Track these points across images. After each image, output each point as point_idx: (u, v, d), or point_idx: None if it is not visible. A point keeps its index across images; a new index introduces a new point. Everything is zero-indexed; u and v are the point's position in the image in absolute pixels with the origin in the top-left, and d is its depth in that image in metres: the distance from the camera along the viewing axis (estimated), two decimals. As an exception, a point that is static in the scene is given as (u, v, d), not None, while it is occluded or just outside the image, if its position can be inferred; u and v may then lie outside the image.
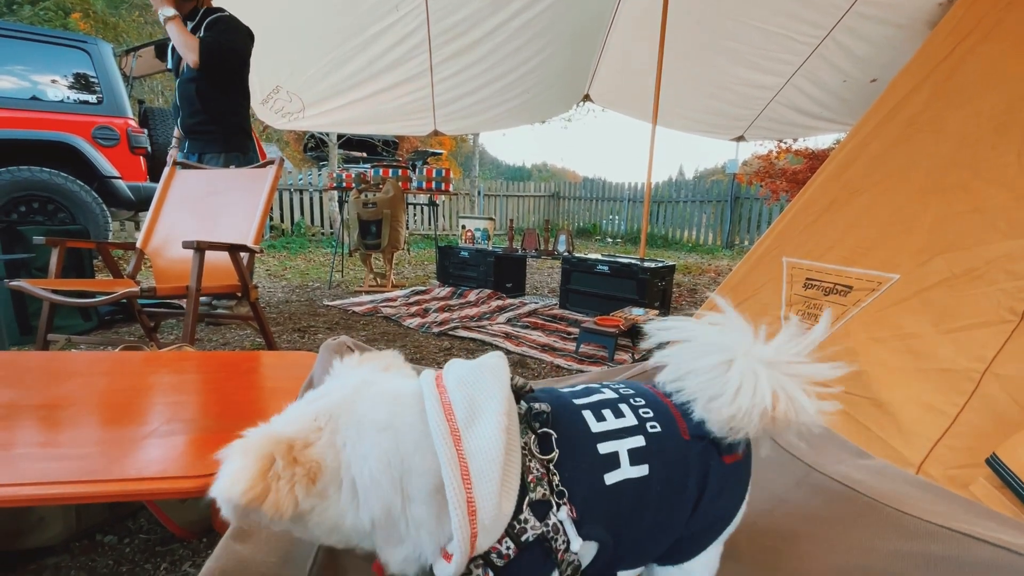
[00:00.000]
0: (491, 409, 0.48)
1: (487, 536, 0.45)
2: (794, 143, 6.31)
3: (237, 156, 2.81)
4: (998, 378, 1.21)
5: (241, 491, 0.40)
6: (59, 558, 1.07)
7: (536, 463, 0.50)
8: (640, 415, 0.57)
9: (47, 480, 0.63)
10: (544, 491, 0.49)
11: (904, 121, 1.64)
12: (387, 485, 0.45)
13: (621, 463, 0.53)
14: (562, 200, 11.00)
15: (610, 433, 0.55)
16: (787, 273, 1.89)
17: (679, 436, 0.56)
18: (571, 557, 0.49)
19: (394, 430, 0.47)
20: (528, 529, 0.48)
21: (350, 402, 0.48)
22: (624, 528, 0.53)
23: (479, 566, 0.47)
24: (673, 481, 0.55)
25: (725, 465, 0.58)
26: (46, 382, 1.03)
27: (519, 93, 4.71)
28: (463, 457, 0.45)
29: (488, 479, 0.45)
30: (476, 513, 0.44)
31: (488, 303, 3.80)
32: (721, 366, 0.54)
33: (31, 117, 3.93)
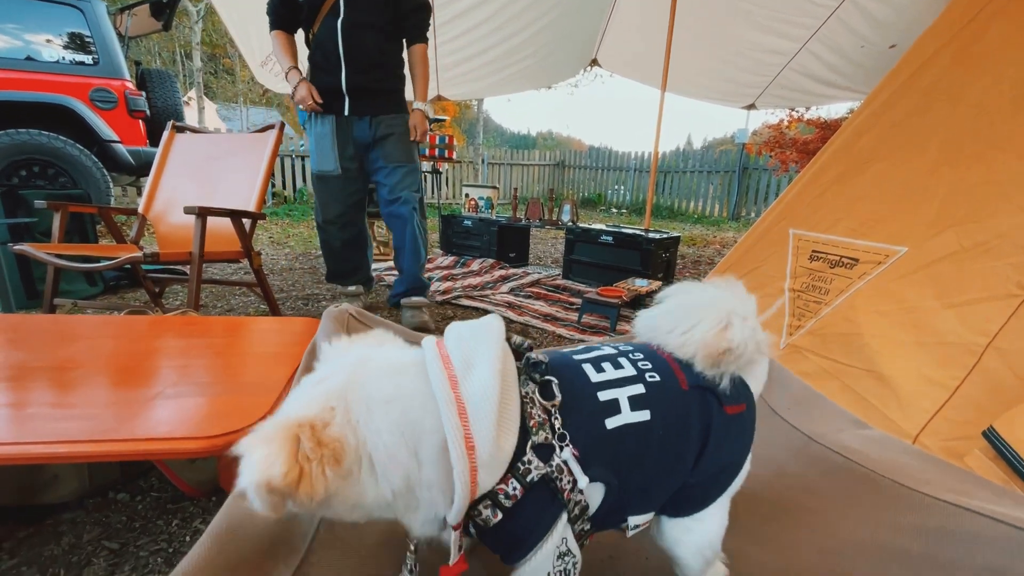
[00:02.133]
0: (486, 357, 0.51)
1: (488, 473, 0.47)
2: (806, 112, 6.15)
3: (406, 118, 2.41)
4: (1000, 352, 1.21)
5: (281, 474, 0.41)
6: (74, 514, 1.10)
7: (538, 409, 0.52)
8: (639, 367, 0.59)
9: (59, 439, 0.65)
10: (546, 435, 0.51)
11: (922, 89, 1.59)
12: (404, 455, 0.47)
13: (622, 409, 0.55)
14: (567, 169, 10.83)
15: (610, 383, 0.57)
16: (793, 245, 1.87)
17: (678, 386, 0.59)
18: (578, 496, 0.52)
19: (400, 399, 0.49)
20: (532, 469, 0.50)
21: (354, 380, 0.49)
22: (629, 472, 0.55)
23: (488, 506, 0.49)
24: (675, 427, 0.57)
25: (726, 414, 0.59)
26: (54, 344, 1.04)
27: (525, 56, 4.58)
28: (460, 398, 0.47)
29: (485, 417, 0.47)
30: (475, 449, 0.46)
31: (491, 273, 3.80)
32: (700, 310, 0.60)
33: (26, 78, 3.85)
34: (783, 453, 0.77)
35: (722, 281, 0.63)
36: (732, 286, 0.63)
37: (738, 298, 0.61)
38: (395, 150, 2.31)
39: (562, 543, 0.52)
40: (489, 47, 4.29)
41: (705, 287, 0.63)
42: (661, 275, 3.34)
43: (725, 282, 0.63)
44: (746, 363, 0.60)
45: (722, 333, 0.57)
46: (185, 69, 13.77)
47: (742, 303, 0.61)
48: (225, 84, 15.33)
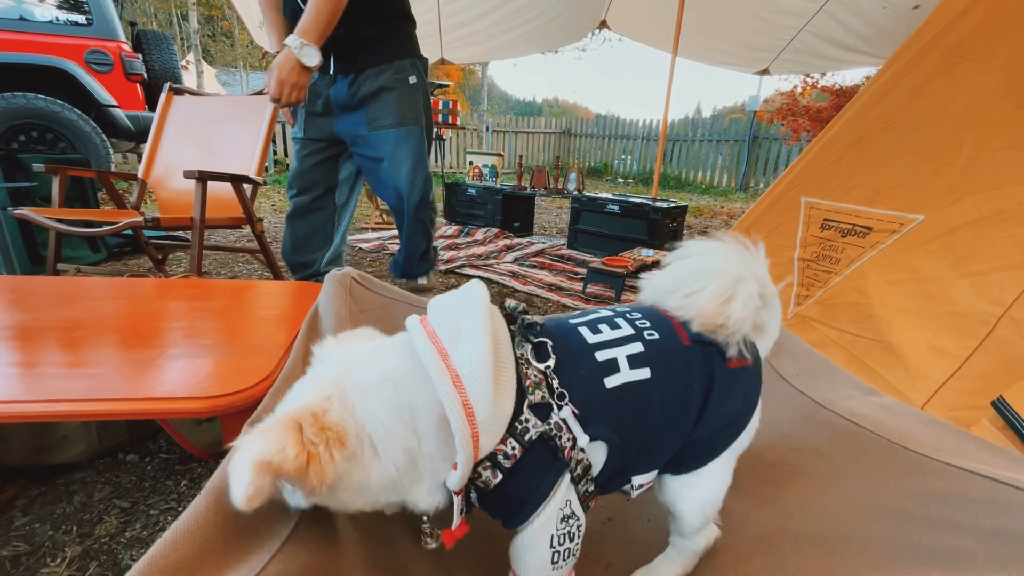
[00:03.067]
0: (473, 323, 0.50)
1: (488, 435, 0.47)
2: (821, 78, 5.95)
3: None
4: (1015, 322, 1.19)
5: (292, 457, 0.41)
6: (84, 473, 1.12)
7: (533, 370, 0.51)
8: (636, 326, 0.59)
9: (65, 397, 0.64)
10: (543, 394, 0.50)
11: (949, 48, 1.51)
12: (402, 430, 0.48)
13: (620, 368, 0.54)
14: (573, 137, 10.62)
15: (607, 343, 0.56)
16: (804, 213, 1.83)
17: (679, 342, 0.58)
18: (579, 455, 0.51)
19: (390, 380, 0.49)
20: (531, 428, 0.49)
21: (345, 370, 0.50)
22: (632, 431, 0.55)
23: (487, 468, 0.49)
24: (676, 383, 0.56)
25: (730, 370, 0.58)
26: (58, 306, 1.03)
27: (531, 18, 4.42)
28: (452, 367, 0.47)
29: (480, 380, 0.46)
30: (474, 414, 0.46)
31: (495, 242, 3.77)
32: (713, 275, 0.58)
33: (20, 39, 3.75)
34: (790, 418, 0.76)
35: (740, 243, 0.61)
36: (749, 251, 0.60)
37: (751, 266, 0.59)
38: (384, 110, 1.68)
39: (566, 505, 0.52)
40: (494, 7, 4.13)
41: (719, 249, 0.60)
42: (668, 245, 3.30)
43: (743, 245, 0.60)
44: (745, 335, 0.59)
45: (721, 306, 0.56)
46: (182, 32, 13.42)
47: (754, 273, 0.59)
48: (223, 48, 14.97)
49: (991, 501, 0.53)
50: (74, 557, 0.90)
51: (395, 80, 1.68)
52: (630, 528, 0.76)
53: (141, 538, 0.95)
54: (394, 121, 1.69)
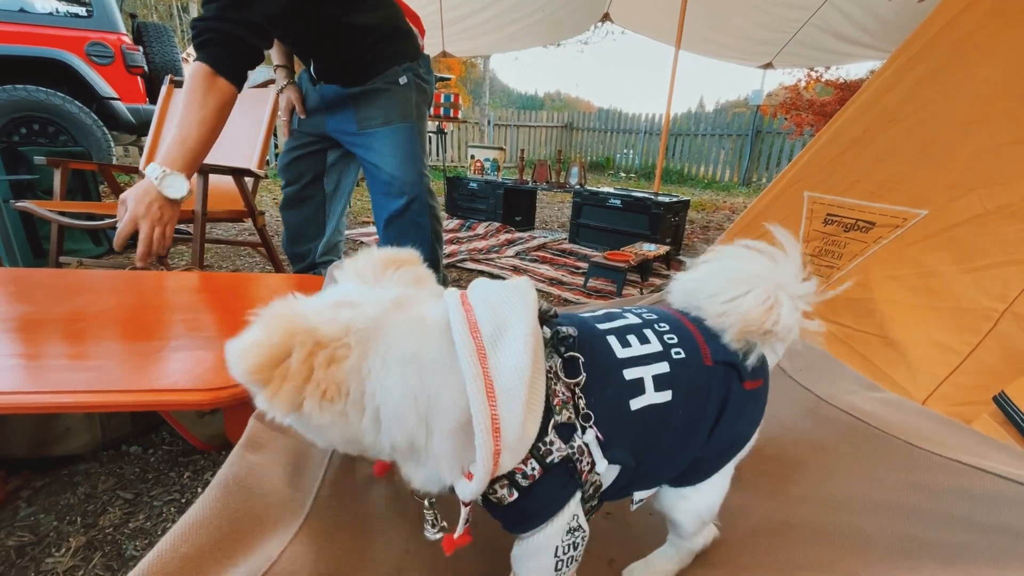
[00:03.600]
0: (518, 329, 0.46)
1: (510, 455, 0.45)
2: (825, 72, 5.91)
3: None
4: (1018, 318, 1.18)
5: (247, 368, 0.40)
6: (88, 465, 1.13)
7: (562, 386, 0.49)
8: (665, 341, 0.56)
9: (68, 389, 0.65)
10: (570, 414, 0.48)
11: (955, 41, 1.50)
12: (412, 420, 0.45)
13: (646, 389, 0.52)
14: (575, 131, 10.58)
15: (636, 359, 0.54)
16: (807, 208, 1.82)
17: (701, 362, 0.56)
18: (594, 478, 0.50)
19: (420, 363, 0.45)
20: (554, 451, 0.47)
21: (381, 328, 0.45)
22: (646, 452, 0.54)
23: (504, 486, 0.47)
24: (694, 406, 0.55)
25: (744, 391, 0.57)
26: (61, 298, 1.03)
27: (533, 11, 4.39)
28: (488, 374, 0.44)
29: (514, 398, 0.44)
30: (500, 431, 0.43)
31: (497, 236, 3.77)
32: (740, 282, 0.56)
33: (20, 31, 3.73)
34: (793, 413, 0.76)
35: (780, 251, 0.58)
36: (790, 260, 0.58)
37: (791, 276, 0.57)
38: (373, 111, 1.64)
39: (573, 519, 0.51)
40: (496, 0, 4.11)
41: (757, 257, 0.58)
42: (669, 240, 3.29)
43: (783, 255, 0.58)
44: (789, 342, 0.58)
45: (767, 312, 0.53)
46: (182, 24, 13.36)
47: (795, 282, 0.57)
48: (224, 40, 14.88)
49: (992, 496, 0.53)
50: (78, 547, 0.91)
51: (385, 83, 1.63)
52: (632, 523, 0.76)
53: (145, 529, 0.96)
54: (383, 120, 1.64)
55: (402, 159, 1.65)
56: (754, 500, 0.70)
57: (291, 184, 1.82)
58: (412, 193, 1.66)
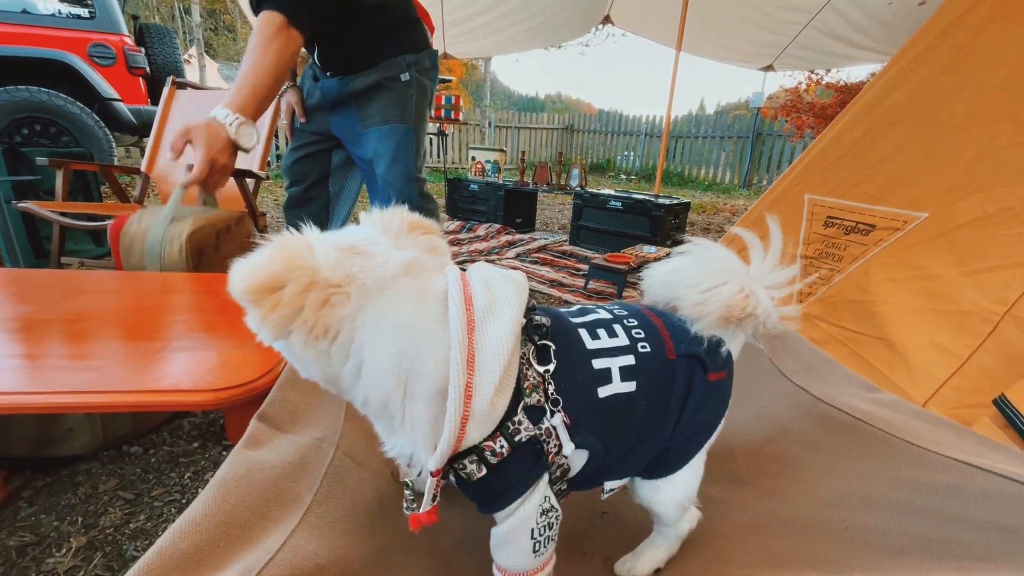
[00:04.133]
0: (506, 312, 0.49)
1: (476, 426, 0.47)
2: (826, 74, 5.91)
3: None
4: (1018, 321, 1.18)
5: (242, 287, 0.41)
6: (89, 465, 1.13)
7: (533, 372, 0.51)
8: (632, 335, 0.59)
9: (70, 389, 0.65)
10: (539, 397, 0.51)
11: (955, 45, 1.51)
12: (391, 380, 0.46)
13: (613, 379, 0.55)
14: (576, 133, 10.59)
15: (604, 351, 0.57)
16: (808, 211, 1.82)
17: (665, 356, 0.59)
18: (561, 460, 0.53)
19: (412, 331, 0.47)
20: (522, 431, 0.50)
21: (386, 286, 0.46)
22: (613, 439, 0.56)
23: (473, 461, 0.49)
24: (657, 397, 0.58)
25: (708, 382, 0.60)
26: (62, 299, 1.04)
27: (534, 13, 4.40)
28: (472, 345, 0.46)
29: (490, 371, 0.46)
30: (472, 399, 0.46)
31: (497, 238, 3.77)
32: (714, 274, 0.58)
33: (23, 32, 3.75)
34: (790, 413, 0.77)
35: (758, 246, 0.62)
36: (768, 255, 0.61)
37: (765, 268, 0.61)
38: (372, 107, 1.61)
39: (545, 500, 0.53)
40: (498, 2, 4.12)
41: (725, 251, 0.61)
42: (670, 242, 3.30)
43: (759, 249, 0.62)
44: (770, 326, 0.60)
45: (746, 299, 0.57)
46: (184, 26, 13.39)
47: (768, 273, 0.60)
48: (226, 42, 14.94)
49: (989, 494, 0.53)
50: (79, 548, 0.91)
51: (387, 78, 1.60)
52: (627, 521, 0.76)
53: (145, 529, 0.96)
54: (380, 119, 1.62)
55: (391, 161, 1.64)
56: (751, 497, 0.70)
57: (295, 184, 1.80)
58: (401, 196, 1.64)
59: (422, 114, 1.72)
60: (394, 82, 1.62)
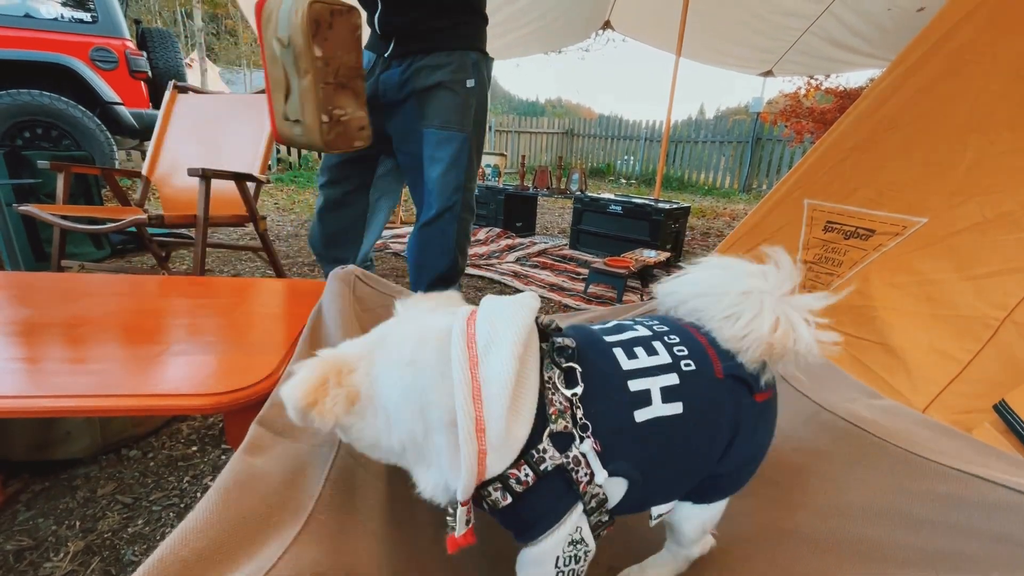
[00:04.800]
0: (507, 338, 0.49)
1: (497, 457, 0.47)
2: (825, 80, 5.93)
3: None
4: (1018, 326, 1.18)
5: (300, 396, 0.48)
6: (88, 469, 1.13)
7: (560, 396, 0.50)
8: (675, 353, 0.55)
9: (67, 393, 0.65)
10: (566, 423, 0.49)
11: (953, 51, 1.51)
12: (408, 415, 0.49)
13: (653, 400, 0.52)
14: (576, 138, 10.62)
15: (642, 371, 0.53)
16: (807, 215, 1.83)
17: (713, 375, 0.55)
18: (595, 490, 0.50)
19: (414, 366, 0.50)
20: (547, 459, 0.48)
21: (386, 339, 0.54)
22: (656, 467, 0.53)
23: (497, 489, 0.49)
24: (706, 419, 0.54)
25: (756, 403, 0.56)
26: (62, 302, 1.04)
27: (535, 18, 4.42)
28: (476, 379, 0.47)
29: (498, 401, 0.46)
30: (484, 431, 0.46)
31: (497, 242, 3.77)
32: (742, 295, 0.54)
33: (25, 36, 3.76)
34: (791, 420, 0.76)
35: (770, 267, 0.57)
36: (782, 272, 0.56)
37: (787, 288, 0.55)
38: (434, 107, 1.57)
39: (576, 531, 0.51)
40: (497, 7, 4.13)
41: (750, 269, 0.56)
42: (670, 246, 3.30)
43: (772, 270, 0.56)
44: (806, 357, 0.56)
45: (786, 335, 0.52)
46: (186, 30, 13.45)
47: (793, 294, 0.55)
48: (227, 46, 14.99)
49: (992, 505, 0.53)
50: (77, 552, 0.91)
51: (452, 80, 1.56)
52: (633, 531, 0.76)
53: (143, 534, 0.96)
54: (440, 123, 1.58)
55: (446, 168, 1.61)
56: (755, 508, 0.70)
57: (334, 185, 1.73)
58: (446, 204, 1.63)
59: (480, 124, 1.68)
60: (459, 87, 1.58)
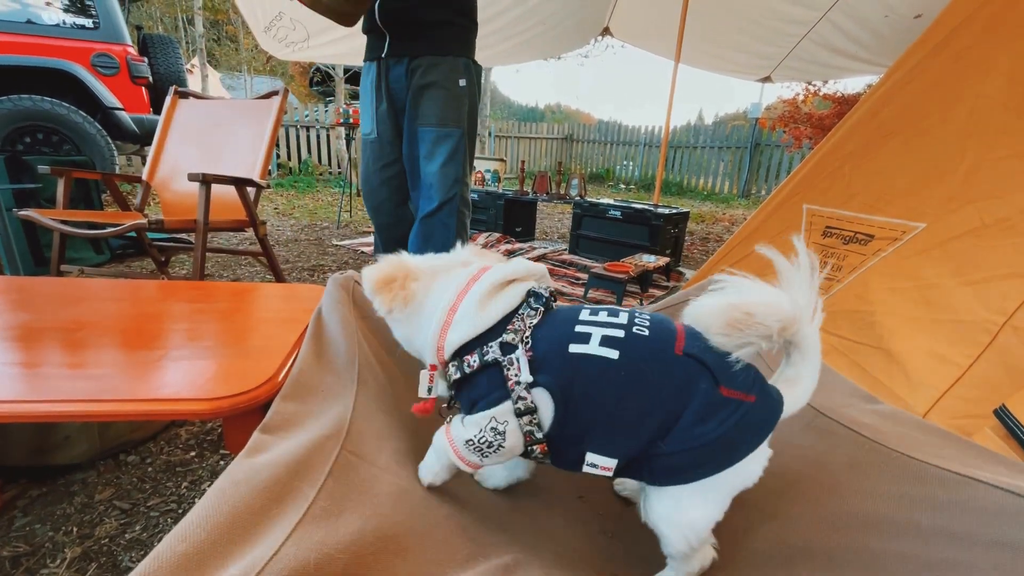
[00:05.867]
0: (499, 270, 0.69)
1: (456, 332, 0.66)
2: (823, 86, 5.96)
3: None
4: (1017, 331, 1.18)
5: (375, 280, 0.70)
6: (86, 474, 1.12)
7: (520, 323, 0.65)
8: (634, 322, 0.64)
9: (65, 398, 0.65)
10: (514, 337, 0.64)
11: (950, 58, 1.52)
12: (435, 327, 0.69)
13: (591, 341, 0.61)
14: (575, 143, 10.65)
15: (593, 322, 0.64)
16: (806, 220, 1.83)
17: (670, 349, 0.60)
18: (521, 391, 0.62)
19: (445, 294, 0.70)
20: (490, 353, 0.64)
21: (441, 271, 0.72)
22: (582, 397, 0.61)
23: (455, 366, 0.66)
24: (646, 381, 0.59)
25: (719, 395, 0.58)
26: (61, 307, 1.04)
27: (534, 24, 4.44)
28: (456, 305, 0.68)
29: (472, 298, 0.67)
30: (455, 312, 0.67)
31: (497, 246, 3.77)
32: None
33: (27, 42, 3.78)
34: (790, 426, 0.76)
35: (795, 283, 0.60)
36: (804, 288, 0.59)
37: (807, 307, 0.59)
38: (429, 106, 1.66)
39: (503, 424, 0.63)
40: (497, 14, 4.15)
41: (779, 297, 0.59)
42: (669, 251, 3.30)
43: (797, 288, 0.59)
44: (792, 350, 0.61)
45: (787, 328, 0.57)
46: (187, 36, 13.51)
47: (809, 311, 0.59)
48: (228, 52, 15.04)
49: (994, 510, 0.52)
50: (74, 558, 0.90)
51: (447, 79, 1.65)
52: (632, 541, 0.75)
53: (141, 540, 0.95)
54: (437, 120, 1.66)
55: (445, 161, 1.68)
56: (757, 520, 0.70)
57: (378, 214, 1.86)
58: (446, 196, 1.70)
59: (473, 123, 1.76)
60: (453, 86, 1.67)
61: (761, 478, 0.61)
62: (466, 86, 1.69)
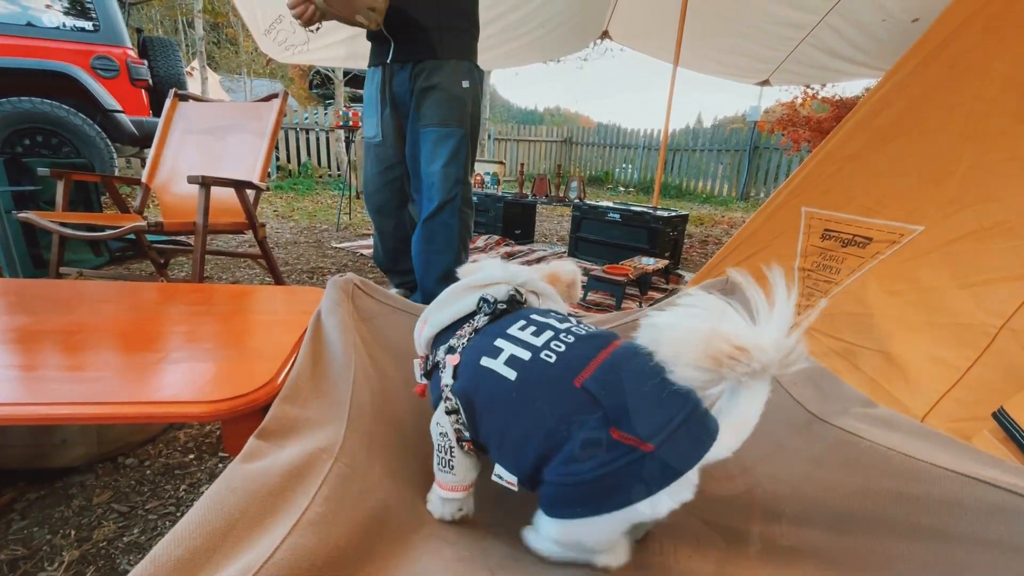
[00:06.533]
0: (461, 282, 0.75)
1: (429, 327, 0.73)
2: (821, 89, 5.98)
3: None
4: (1015, 333, 1.19)
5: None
6: (84, 477, 1.12)
7: (468, 328, 0.68)
8: (550, 346, 0.61)
9: (67, 400, 0.64)
10: (454, 343, 0.68)
11: (948, 61, 1.53)
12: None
13: (498, 359, 0.62)
14: (575, 146, 10.67)
15: (512, 338, 0.64)
16: (805, 223, 1.83)
17: (569, 379, 0.56)
18: (447, 392, 0.65)
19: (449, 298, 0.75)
20: (437, 356, 0.69)
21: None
22: (484, 407, 0.63)
23: (422, 362, 0.73)
24: (533, 406, 0.58)
25: (608, 436, 0.52)
26: (60, 309, 1.03)
27: (533, 28, 4.45)
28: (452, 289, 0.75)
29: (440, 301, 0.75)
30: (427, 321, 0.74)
31: (496, 249, 3.78)
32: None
33: (27, 45, 3.78)
34: (785, 430, 0.76)
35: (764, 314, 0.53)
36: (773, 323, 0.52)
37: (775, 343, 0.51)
38: (432, 108, 1.68)
39: (443, 424, 0.65)
40: (496, 17, 4.16)
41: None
42: (668, 254, 3.31)
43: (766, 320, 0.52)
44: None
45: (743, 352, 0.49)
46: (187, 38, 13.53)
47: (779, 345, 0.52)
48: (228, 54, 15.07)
49: (991, 509, 0.52)
50: (72, 561, 0.90)
51: (449, 81, 1.67)
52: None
53: (139, 543, 0.95)
54: (438, 121, 1.69)
55: (447, 161, 1.70)
56: (754, 523, 0.70)
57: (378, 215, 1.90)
58: (447, 196, 1.71)
59: (475, 124, 1.78)
60: (456, 87, 1.70)
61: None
62: (469, 88, 1.71)
